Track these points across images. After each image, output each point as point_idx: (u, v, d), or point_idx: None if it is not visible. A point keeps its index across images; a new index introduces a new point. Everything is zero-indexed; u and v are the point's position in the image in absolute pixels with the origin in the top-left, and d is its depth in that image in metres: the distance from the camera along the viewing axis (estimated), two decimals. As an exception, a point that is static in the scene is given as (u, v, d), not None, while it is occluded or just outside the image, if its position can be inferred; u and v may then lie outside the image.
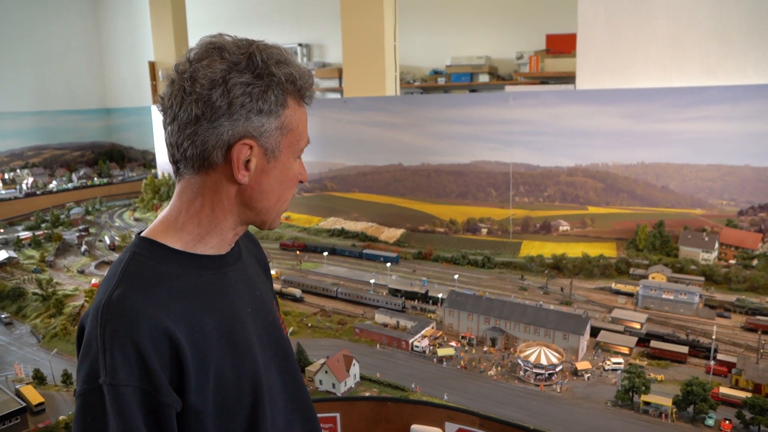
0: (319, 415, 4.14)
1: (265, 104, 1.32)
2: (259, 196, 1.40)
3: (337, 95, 10.18)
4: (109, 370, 1.18)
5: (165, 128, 1.36)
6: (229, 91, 1.27)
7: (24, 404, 3.84)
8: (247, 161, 1.34)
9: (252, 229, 1.54)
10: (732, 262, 5.47)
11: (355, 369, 4.09)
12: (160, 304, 1.25)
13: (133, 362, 1.18)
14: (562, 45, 7.88)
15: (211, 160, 1.32)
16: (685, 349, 4.21)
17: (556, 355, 4.07)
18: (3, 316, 5.64)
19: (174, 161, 1.37)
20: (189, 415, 1.27)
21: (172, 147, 1.35)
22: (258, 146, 1.34)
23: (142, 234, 1.40)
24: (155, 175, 11.07)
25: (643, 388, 3.60)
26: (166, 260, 1.33)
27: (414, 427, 3.77)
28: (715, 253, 5.50)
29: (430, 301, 5.42)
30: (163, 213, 1.42)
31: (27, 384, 4.24)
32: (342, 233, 7.58)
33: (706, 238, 5.53)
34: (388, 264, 6.49)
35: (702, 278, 5.29)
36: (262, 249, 1.81)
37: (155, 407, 1.20)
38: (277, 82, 1.32)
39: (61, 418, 3.81)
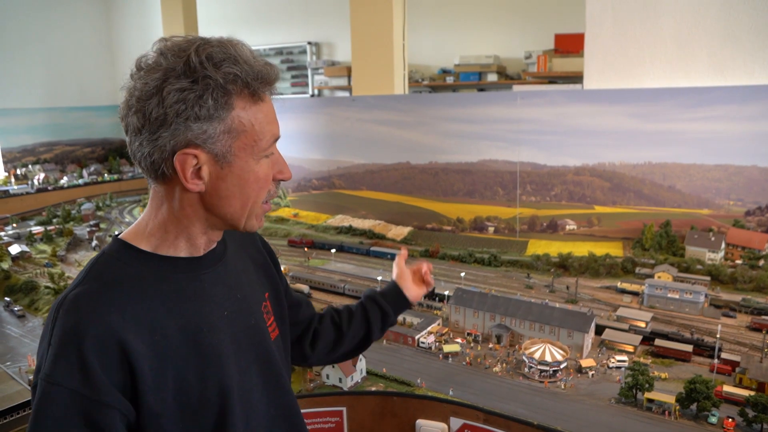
0: (325, 409, 4.21)
1: (202, 109, 1.25)
2: (219, 202, 1.36)
3: (346, 93, 10.23)
4: (48, 367, 1.18)
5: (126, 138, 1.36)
6: (164, 100, 1.23)
7: (37, 394, 3.91)
8: (199, 169, 1.30)
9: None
10: (738, 262, 5.47)
11: (362, 364, 4.14)
12: (116, 305, 1.24)
13: (74, 363, 1.17)
14: (570, 45, 7.90)
15: (161, 171, 1.30)
16: (689, 348, 4.23)
17: (561, 352, 4.10)
18: (16, 309, 5.73)
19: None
20: (147, 416, 1.26)
21: (131, 157, 1.35)
22: (205, 153, 1.29)
23: (119, 236, 1.40)
24: (165, 172, 11.12)
25: (647, 385, 3.63)
26: (133, 261, 1.33)
27: (419, 421, 3.82)
28: (721, 253, 5.51)
29: (437, 298, 5.46)
30: (139, 217, 1.45)
31: (40, 375, 4.32)
32: (350, 230, 7.63)
33: (713, 238, 5.54)
34: (395, 261, 6.52)
35: (708, 278, 5.30)
36: (262, 249, 1.76)
37: (92, 410, 1.18)
38: (215, 85, 1.25)
39: (73, 408, 3.88)
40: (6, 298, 6.00)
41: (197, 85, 1.24)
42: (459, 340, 4.68)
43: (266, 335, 1.59)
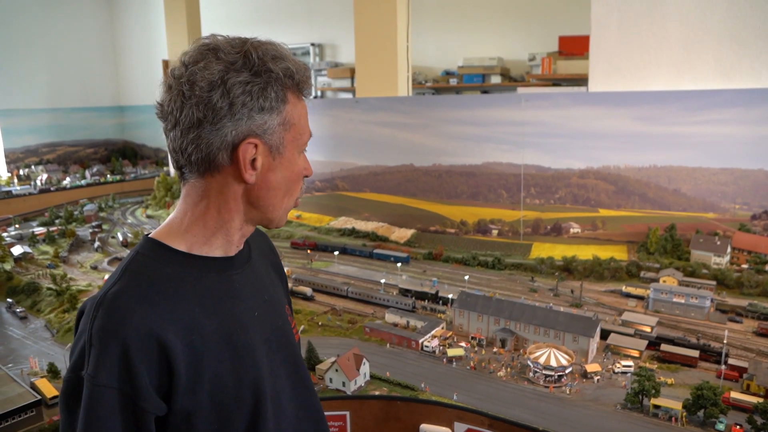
0: (329, 413, 4.18)
1: (266, 101, 1.31)
2: (266, 194, 1.39)
3: (349, 95, 10.22)
4: (92, 367, 1.20)
5: (167, 135, 1.35)
6: (229, 92, 1.27)
7: (39, 397, 3.89)
8: (253, 160, 1.34)
9: (264, 230, 1.53)
10: (744, 266, 5.44)
11: (365, 368, 4.12)
12: (154, 305, 1.25)
13: (116, 363, 1.19)
14: (574, 47, 7.87)
15: (216, 162, 1.32)
16: (695, 353, 4.20)
17: (566, 357, 4.07)
18: (18, 310, 5.72)
19: (178, 167, 1.37)
20: (177, 416, 1.27)
21: (176, 153, 1.34)
22: (262, 144, 1.34)
23: (149, 235, 1.40)
24: (167, 173, 11.17)
25: (653, 391, 3.60)
26: (168, 261, 1.34)
27: (423, 426, 3.79)
28: (727, 258, 5.48)
29: (440, 302, 5.44)
30: (170, 216, 1.44)
31: (42, 377, 4.30)
32: (353, 233, 7.61)
33: (718, 242, 5.51)
34: (399, 264, 6.51)
35: (713, 282, 5.27)
36: (278, 255, 1.80)
37: (134, 410, 1.22)
38: (275, 78, 1.32)
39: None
40: (8, 300, 5.99)
41: (260, 78, 1.30)
42: (463, 344, 4.65)
43: (292, 337, 1.60)
